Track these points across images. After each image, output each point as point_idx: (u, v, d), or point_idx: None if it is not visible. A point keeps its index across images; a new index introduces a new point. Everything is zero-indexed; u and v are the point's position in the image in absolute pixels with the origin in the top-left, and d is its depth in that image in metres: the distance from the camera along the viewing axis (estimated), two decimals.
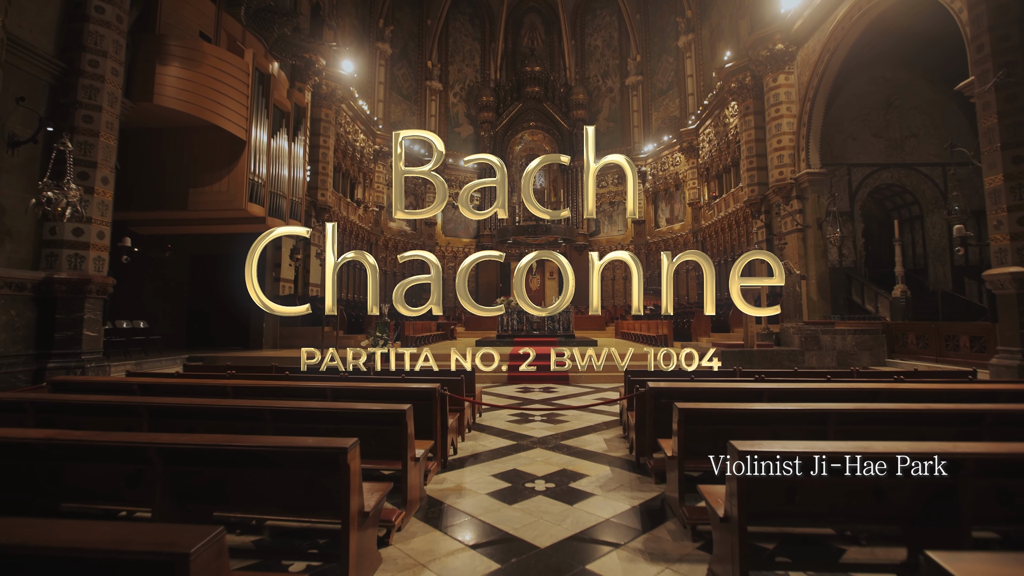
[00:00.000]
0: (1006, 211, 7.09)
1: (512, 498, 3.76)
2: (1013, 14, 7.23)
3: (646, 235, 25.09)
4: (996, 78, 7.12)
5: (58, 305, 7.21)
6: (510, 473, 4.37)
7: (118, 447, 2.44)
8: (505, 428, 6.13)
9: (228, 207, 10.01)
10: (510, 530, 3.19)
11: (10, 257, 6.85)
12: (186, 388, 4.73)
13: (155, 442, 2.39)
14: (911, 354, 9.73)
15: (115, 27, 7.99)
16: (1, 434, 2.52)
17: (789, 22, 13.92)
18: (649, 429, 4.31)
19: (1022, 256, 6.91)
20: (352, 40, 20.56)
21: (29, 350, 6.99)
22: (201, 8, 10.02)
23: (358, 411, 3.38)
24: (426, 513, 3.48)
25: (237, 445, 2.41)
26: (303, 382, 4.67)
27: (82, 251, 7.47)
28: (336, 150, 17.95)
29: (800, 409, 3.42)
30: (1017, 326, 6.87)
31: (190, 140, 9.99)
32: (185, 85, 9.19)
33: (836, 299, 13.69)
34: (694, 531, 3.08)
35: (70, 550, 1.31)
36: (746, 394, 4.22)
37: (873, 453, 2.31)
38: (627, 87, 27.19)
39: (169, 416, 3.54)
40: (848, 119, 14.67)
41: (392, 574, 2.66)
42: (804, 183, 13.65)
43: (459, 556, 2.87)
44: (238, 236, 11.80)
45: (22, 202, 6.94)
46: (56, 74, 7.50)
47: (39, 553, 1.33)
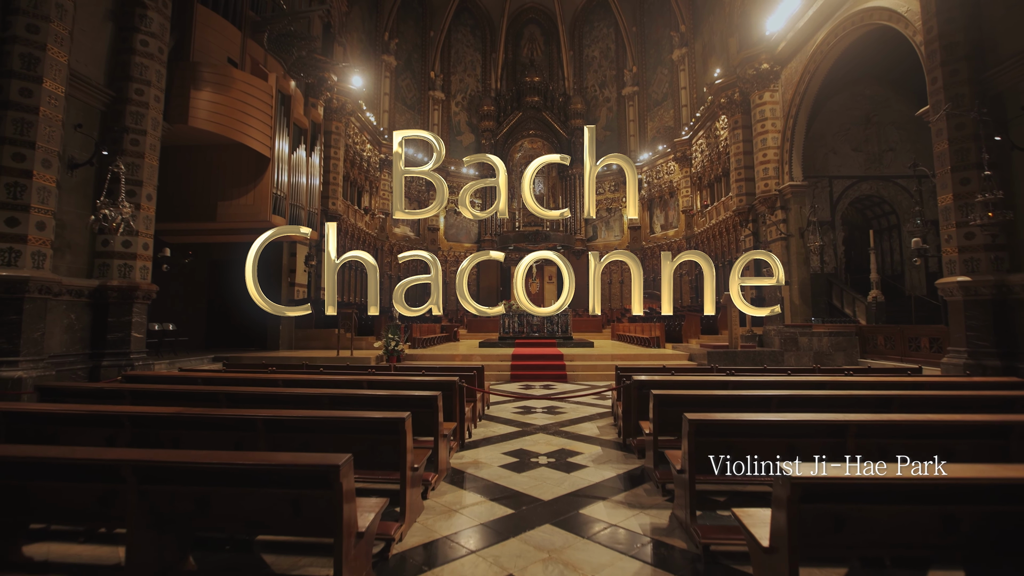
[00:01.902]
0: (955, 227, 7.97)
1: (520, 468, 4.63)
2: (961, 51, 8.12)
3: (641, 240, 25.99)
4: (945, 109, 8.02)
5: (110, 309, 8.05)
6: (517, 451, 5.24)
7: (231, 419, 3.30)
8: (511, 418, 6.99)
9: (253, 219, 10.86)
10: (519, 489, 4.05)
11: (70, 267, 7.70)
12: (242, 380, 5.58)
13: (259, 417, 3.25)
14: (880, 354, 10.61)
15: (157, 58, 8.86)
16: (145, 410, 3.37)
17: (774, 43, 14.84)
18: (633, 414, 5.17)
19: (968, 267, 7.79)
20: (359, 54, 21.47)
21: (85, 349, 7.83)
22: (228, 36, 10.89)
23: (403, 397, 4.24)
24: (451, 479, 4.35)
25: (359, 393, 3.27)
26: (356, 375, 5.53)
27: (130, 261, 8.32)
28: (345, 160, 18.82)
29: (751, 395, 4.28)
30: (963, 329, 7.75)
31: (219, 157, 10.85)
32: (216, 108, 10.05)
33: (817, 303, 14.59)
34: (664, 488, 3.95)
35: (268, 465, 2.18)
36: (713, 384, 5.10)
37: (791, 422, 3.18)
38: (624, 97, 28.14)
39: (251, 402, 4.39)
40: (830, 134, 15.59)
41: (433, 516, 3.52)
42: (788, 194, 14.56)
43: (481, 506, 3.73)
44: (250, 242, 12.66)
45: (80, 218, 7.80)
46: (107, 102, 8.37)
47: (248, 468, 2.19)
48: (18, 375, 6.28)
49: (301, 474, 2.24)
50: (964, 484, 1.99)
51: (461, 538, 3.18)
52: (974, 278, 7.64)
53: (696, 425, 3.16)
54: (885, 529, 2.17)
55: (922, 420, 3.22)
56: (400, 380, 5.33)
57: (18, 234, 6.51)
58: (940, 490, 2.03)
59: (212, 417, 3.34)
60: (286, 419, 3.29)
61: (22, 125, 6.60)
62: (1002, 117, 7.70)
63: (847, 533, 2.15)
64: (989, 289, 7.51)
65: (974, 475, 2.02)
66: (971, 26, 8.09)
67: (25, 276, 6.44)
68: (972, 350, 7.59)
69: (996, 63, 7.78)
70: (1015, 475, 2.00)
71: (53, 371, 6.86)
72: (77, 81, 7.77)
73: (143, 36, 8.64)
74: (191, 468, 2.25)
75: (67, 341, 7.55)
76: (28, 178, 6.60)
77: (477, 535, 3.23)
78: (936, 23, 8.39)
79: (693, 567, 2.82)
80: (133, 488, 2.25)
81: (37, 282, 6.57)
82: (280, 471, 2.25)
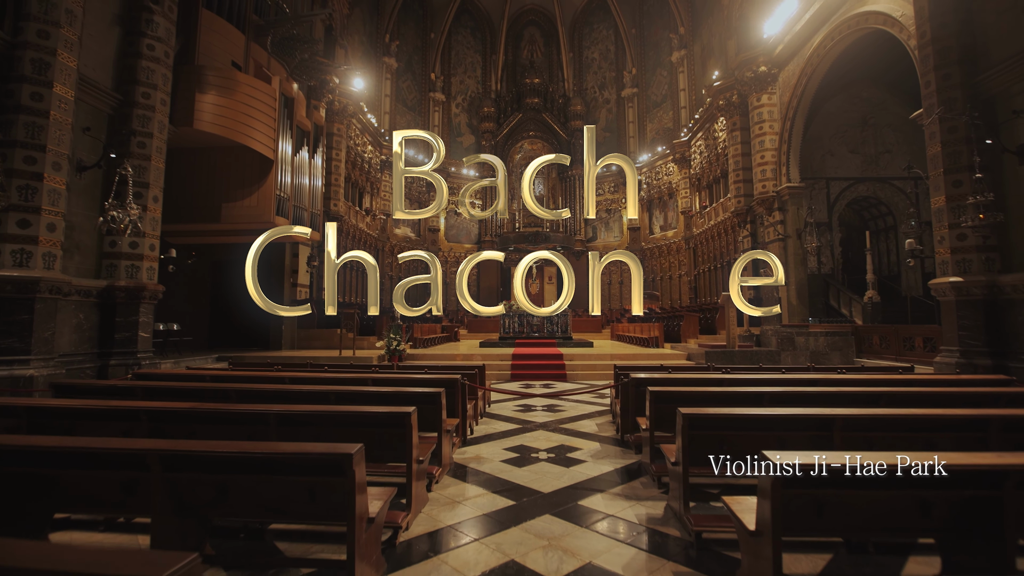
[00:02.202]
0: (947, 228, 8.12)
1: (520, 463, 4.77)
2: (954, 56, 8.27)
3: (641, 241, 26.13)
4: (937, 112, 8.17)
5: (117, 309, 8.20)
6: (518, 447, 5.38)
7: (247, 414, 3.44)
8: (511, 415, 7.13)
9: (257, 220, 11.01)
10: (520, 483, 4.20)
11: (79, 268, 7.84)
12: (255, 378, 5.72)
13: (271, 412, 3.39)
14: (875, 354, 10.76)
15: (163, 62, 9.01)
16: (167, 405, 3.51)
17: (771, 46, 15.00)
18: (631, 411, 5.32)
19: (960, 268, 7.94)
20: (360, 56, 21.63)
21: (94, 349, 7.97)
22: (233, 40, 11.05)
23: (408, 393, 4.39)
24: (454, 472, 4.49)
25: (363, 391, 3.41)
26: (360, 373, 5.68)
27: (137, 262, 8.47)
28: (346, 161, 18.97)
29: (744, 391, 4.43)
30: (955, 328, 7.90)
31: (223, 159, 11.00)
32: (220, 111, 10.20)
33: (815, 303, 14.74)
34: (659, 482, 4.09)
35: (285, 454, 2.32)
36: (708, 382, 5.24)
37: (780, 416, 3.33)
38: (623, 99, 28.28)
39: (260, 398, 4.53)
40: (827, 136, 15.75)
41: (437, 507, 3.66)
42: (785, 196, 14.71)
43: (483, 497, 3.87)
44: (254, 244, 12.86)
45: (88, 220, 7.95)
46: (114, 105, 8.52)
47: (267, 456, 2.34)
48: (30, 373, 6.43)
49: (317, 462, 2.36)
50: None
51: (465, 527, 3.32)
52: (966, 279, 7.79)
53: (689, 419, 3.31)
54: (863, 514, 2.32)
55: (905, 414, 3.37)
56: (404, 378, 5.47)
57: (30, 235, 6.65)
58: (913, 477, 2.17)
59: (226, 412, 3.48)
60: (296, 414, 3.43)
61: (33, 129, 6.74)
62: (993, 121, 7.85)
63: (827, 518, 2.31)
64: (980, 289, 7.66)
65: (945, 461, 2.16)
66: (963, 31, 8.25)
67: (36, 277, 6.58)
68: (964, 349, 7.75)
69: (987, 67, 7.93)
70: (980, 462, 2.14)
71: (63, 370, 7.01)
72: (85, 85, 7.92)
73: (150, 40, 8.80)
74: (213, 457, 2.36)
75: (76, 340, 7.70)
76: (39, 181, 6.75)
77: (480, 524, 3.37)
78: (929, 28, 8.54)
79: (686, 553, 2.96)
80: (158, 476, 2.37)
81: (48, 282, 6.72)
82: (297, 459, 2.38)
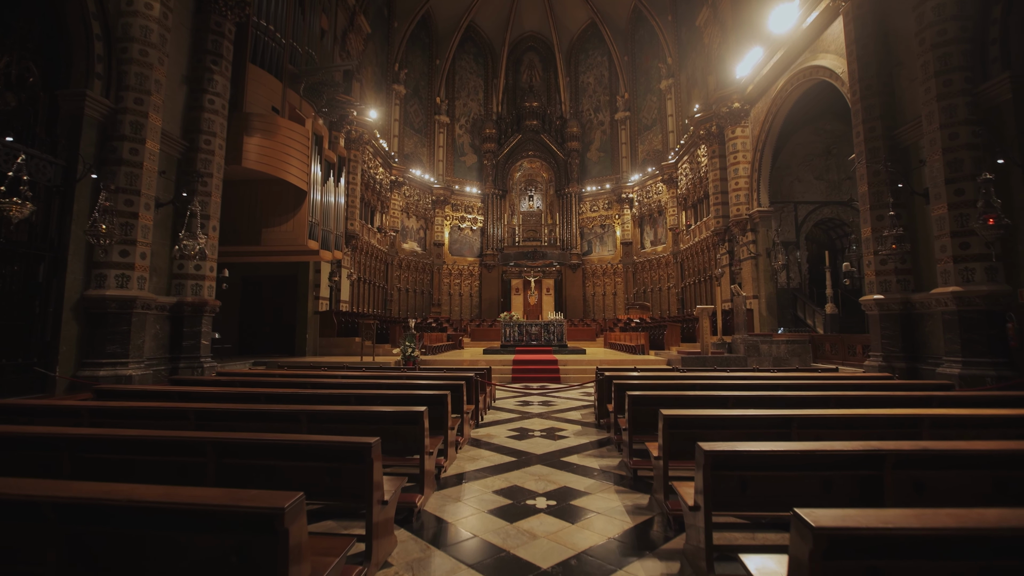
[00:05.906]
0: (872, 255, 9.81)
1: (520, 439, 6.42)
2: (878, 112, 10.00)
3: (633, 256, 27.86)
4: (864, 160, 9.90)
5: (184, 321, 9.84)
6: (518, 428, 7.02)
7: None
8: (513, 408, 8.77)
9: (293, 244, 12.69)
10: (521, 449, 5.84)
11: (156, 287, 9.50)
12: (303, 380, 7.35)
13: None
14: (827, 359, 12.41)
15: (220, 113, 10.75)
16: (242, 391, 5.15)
17: (743, 85, 16.82)
18: (604, 400, 6.96)
19: (882, 287, 9.61)
20: (373, 85, 23.49)
21: (167, 354, 9.61)
22: (272, 87, 12.80)
23: (440, 383, 6.04)
24: (472, 443, 6.13)
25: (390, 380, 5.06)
26: (388, 375, 7.32)
27: (200, 281, 10.13)
28: (361, 184, 20.72)
29: (696, 382, 6.06)
30: (880, 337, 9.56)
31: (263, 190, 12.71)
32: (264, 150, 11.93)
33: (784, 315, 16.42)
34: (619, 448, 5.73)
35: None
36: (670, 379, 6.88)
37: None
38: (616, 121, 30.15)
39: (294, 399, 6.15)
40: (795, 164, 17.52)
41: (461, 461, 5.30)
42: (756, 218, 16.45)
43: (494, 455, 5.52)
44: (282, 262, 14.58)
45: (163, 247, 9.63)
46: (181, 151, 10.23)
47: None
48: (128, 373, 8.08)
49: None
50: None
51: (483, 472, 4.96)
52: (886, 296, 9.47)
53: (630, 395, 4.94)
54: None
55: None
56: (427, 376, 7.12)
57: (128, 263, 8.33)
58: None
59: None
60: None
61: (131, 177, 8.45)
62: (907, 167, 9.57)
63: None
64: (898, 305, 9.33)
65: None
66: (884, 91, 10.00)
67: (133, 295, 8.25)
68: (885, 354, 9.40)
69: (904, 122, 9.66)
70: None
71: (150, 371, 8.66)
72: (163, 137, 9.62)
73: (210, 96, 10.54)
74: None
75: (154, 347, 9.33)
76: (135, 219, 8.44)
77: (492, 470, 5.01)
78: (859, 87, 10.30)
79: (625, 481, 4.60)
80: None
81: (141, 300, 8.38)
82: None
